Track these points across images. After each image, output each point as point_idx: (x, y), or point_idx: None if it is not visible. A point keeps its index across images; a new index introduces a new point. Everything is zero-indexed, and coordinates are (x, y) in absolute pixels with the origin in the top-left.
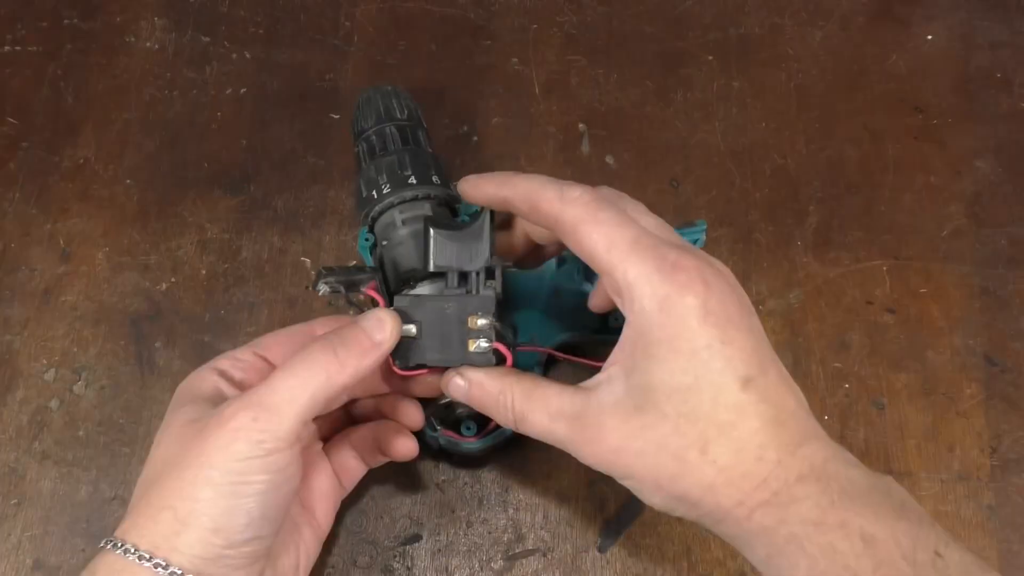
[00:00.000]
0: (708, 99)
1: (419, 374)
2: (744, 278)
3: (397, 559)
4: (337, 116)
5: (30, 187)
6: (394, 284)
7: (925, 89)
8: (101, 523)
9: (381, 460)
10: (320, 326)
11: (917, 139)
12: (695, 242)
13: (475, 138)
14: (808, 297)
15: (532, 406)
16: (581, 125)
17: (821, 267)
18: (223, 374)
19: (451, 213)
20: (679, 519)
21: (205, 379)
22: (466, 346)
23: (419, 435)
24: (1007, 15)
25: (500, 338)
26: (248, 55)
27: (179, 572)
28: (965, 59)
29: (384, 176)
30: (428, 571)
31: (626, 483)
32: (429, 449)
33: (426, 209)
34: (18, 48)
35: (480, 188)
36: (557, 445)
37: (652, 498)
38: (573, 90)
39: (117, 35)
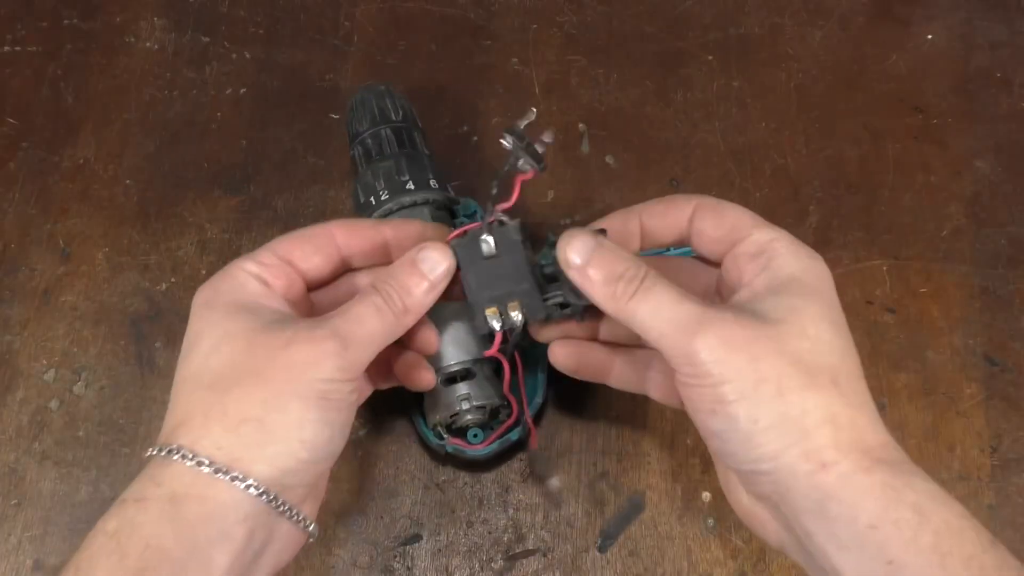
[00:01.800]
0: (708, 99)
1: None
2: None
3: (397, 559)
4: (337, 116)
5: (30, 187)
6: None
7: (925, 89)
8: None
9: (391, 383)
10: (337, 227)
11: (917, 139)
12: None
13: (475, 138)
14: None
15: (658, 283)
16: (581, 125)
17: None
18: (258, 278)
19: (450, 216)
20: (678, 518)
21: (245, 283)
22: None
23: (425, 443)
24: (1007, 15)
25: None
26: (248, 55)
27: (256, 485)
28: (965, 59)
29: (381, 182)
30: (428, 571)
31: (719, 388)
32: (435, 456)
33: (424, 215)
34: (18, 48)
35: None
36: (650, 338)
37: (739, 408)
38: (573, 90)
39: (117, 35)
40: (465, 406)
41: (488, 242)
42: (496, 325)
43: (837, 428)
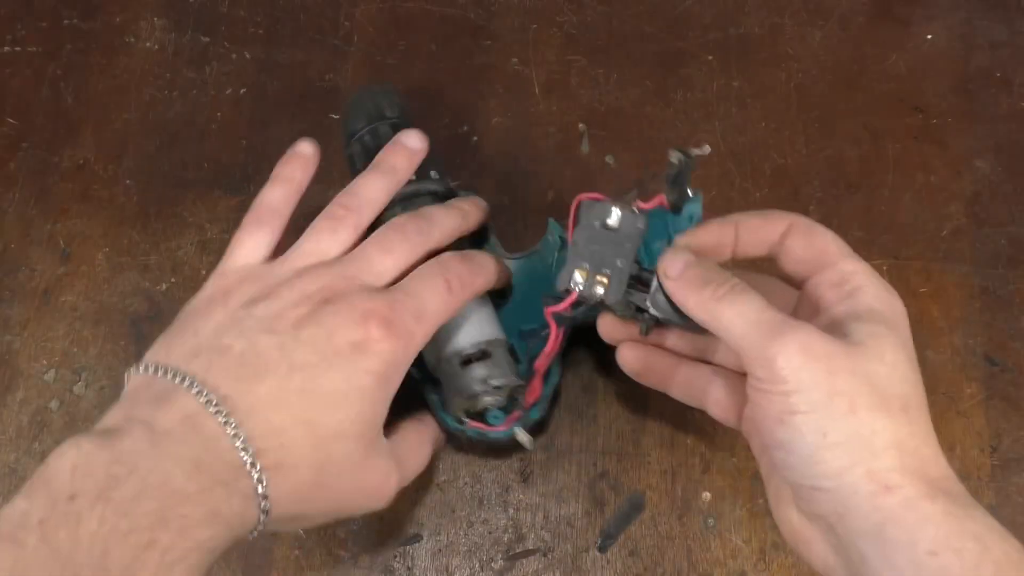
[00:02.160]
0: (708, 99)
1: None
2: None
3: (397, 559)
4: (337, 116)
5: (30, 187)
6: None
7: (925, 89)
8: None
9: None
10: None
11: (917, 139)
12: (691, 217)
13: (475, 138)
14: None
15: (745, 292)
16: (581, 125)
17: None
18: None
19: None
20: (679, 518)
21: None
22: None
23: (446, 429)
24: (1007, 15)
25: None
26: (248, 55)
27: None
28: (965, 59)
29: None
30: (428, 571)
31: (791, 397)
32: (457, 442)
33: (428, 202)
34: (18, 48)
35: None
36: (731, 340)
37: (808, 420)
38: (573, 90)
39: (117, 35)
40: (483, 388)
41: (616, 216)
42: (578, 285)
43: (903, 453)
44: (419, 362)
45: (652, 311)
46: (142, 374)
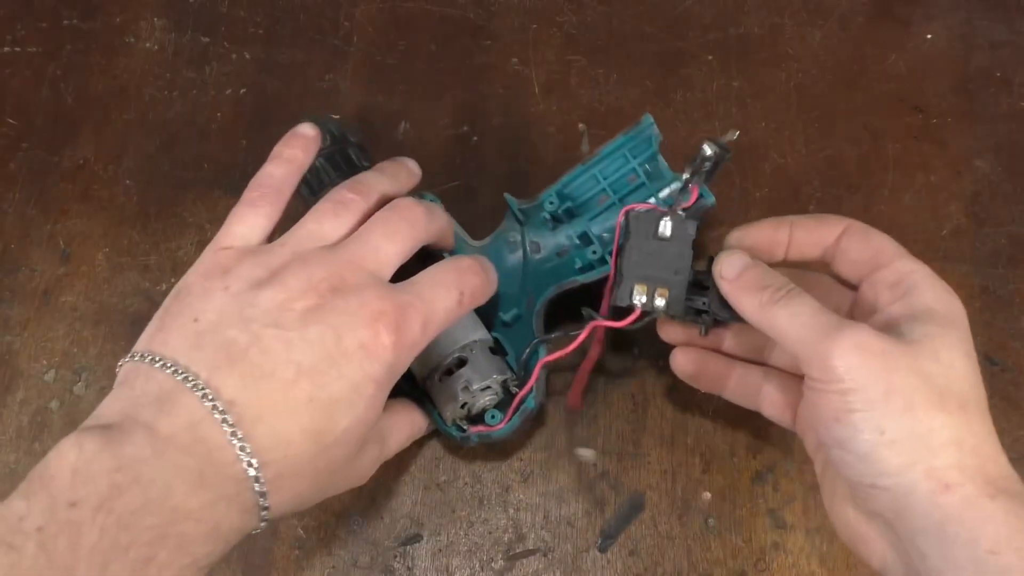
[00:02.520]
0: (708, 99)
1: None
2: None
3: (398, 559)
4: (337, 116)
5: (30, 188)
6: None
7: (925, 89)
8: None
9: None
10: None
11: (917, 139)
12: (648, 140)
13: (475, 138)
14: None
15: (800, 296)
16: (581, 125)
17: (821, 266)
18: None
19: None
20: (679, 518)
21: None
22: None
23: (449, 438)
24: (1007, 15)
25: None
26: (248, 55)
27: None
28: (965, 59)
29: None
30: (429, 571)
31: (847, 396)
32: (459, 448)
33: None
34: (18, 49)
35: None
36: (786, 343)
37: (866, 418)
38: (573, 90)
39: (117, 35)
40: (467, 395)
41: (667, 226)
42: (639, 302)
43: (962, 452)
44: (407, 376)
45: (713, 313)
46: (140, 362)
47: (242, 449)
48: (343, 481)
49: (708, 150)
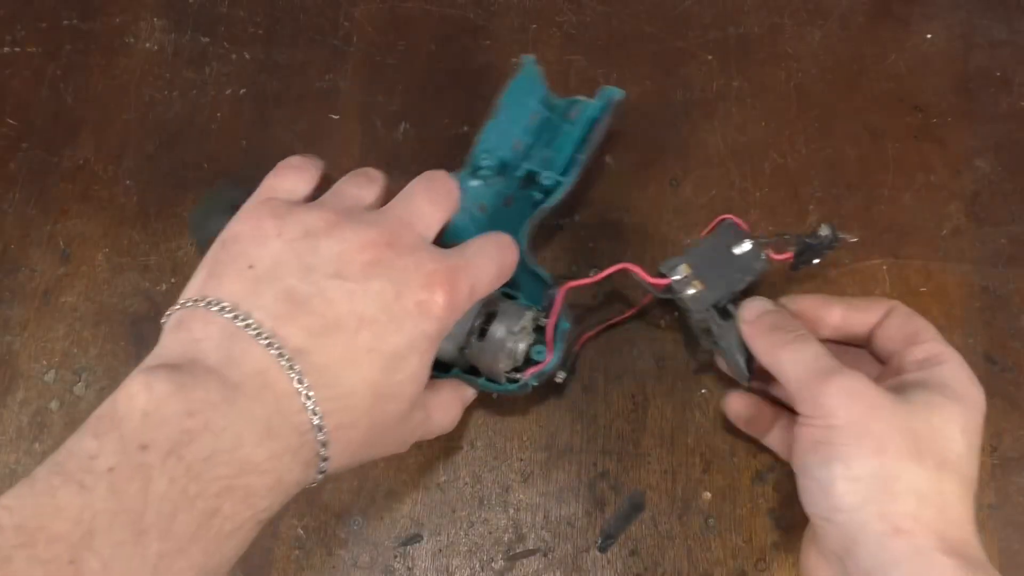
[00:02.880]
0: (708, 99)
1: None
2: None
3: (398, 559)
4: (337, 117)
5: (30, 188)
6: None
7: (925, 88)
8: None
9: None
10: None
11: (917, 138)
12: (534, 77)
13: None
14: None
15: (804, 339)
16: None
17: (821, 266)
18: None
19: None
20: (679, 518)
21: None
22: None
23: (508, 395)
24: (1007, 14)
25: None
26: (247, 55)
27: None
28: (965, 58)
29: None
30: (429, 571)
31: (828, 430)
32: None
33: None
34: (17, 49)
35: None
36: (787, 382)
37: (836, 451)
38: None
39: (116, 36)
40: (511, 340)
41: (745, 248)
42: (677, 275)
43: (923, 504)
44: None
45: (716, 337)
46: (194, 308)
47: (308, 398)
48: (390, 442)
49: (825, 231)
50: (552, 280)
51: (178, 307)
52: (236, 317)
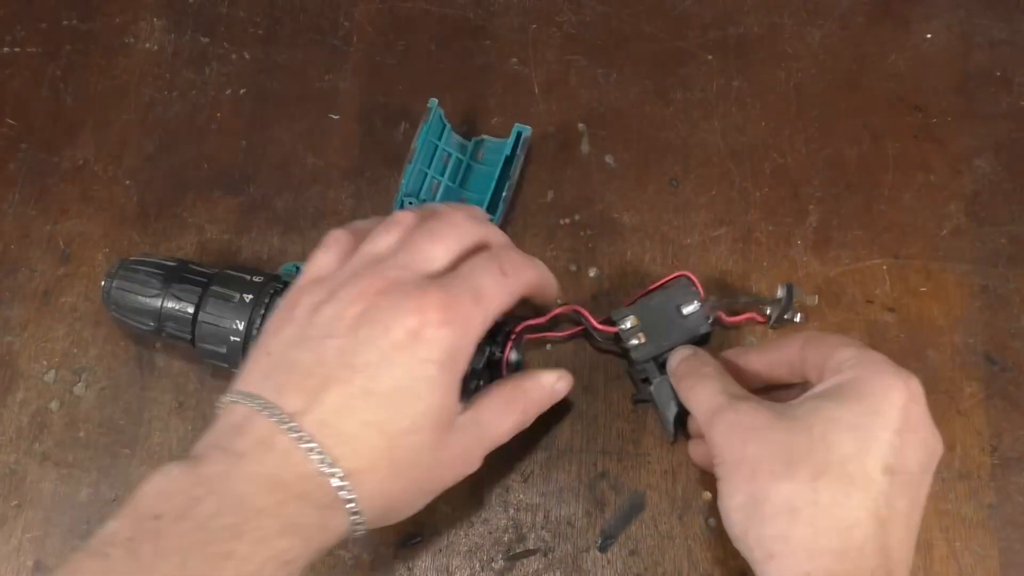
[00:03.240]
0: (708, 98)
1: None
2: (744, 278)
3: (397, 559)
4: (337, 117)
5: (30, 188)
6: None
7: (925, 88)
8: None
9: None
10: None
11: (917, 138)
12: (440, 121)
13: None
14: (809, 295)
15: (710, 375)
16: (581, 125)
17: (821, 266)
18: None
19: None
20: (679, 518)
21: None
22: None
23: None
24: (1007, 13)
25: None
26: (247, 55)
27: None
28: (964, 58)
29: (229, 315)
30: (429, 571)
31: (718, 467)
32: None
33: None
34: (17, 49)
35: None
36: (698, 416)
37: (722, 486)
38: (572, 90)
39: (116, 36)
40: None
41: (692, 308)
42: (624, 326)
43: (793, 521)
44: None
45: (652, 390)
46: (227, 404)
47: (310, 449)
48: (443, 473)
49: (779, 292)
50: (504, 318)
51: (220, 400)
52: (248, 401)
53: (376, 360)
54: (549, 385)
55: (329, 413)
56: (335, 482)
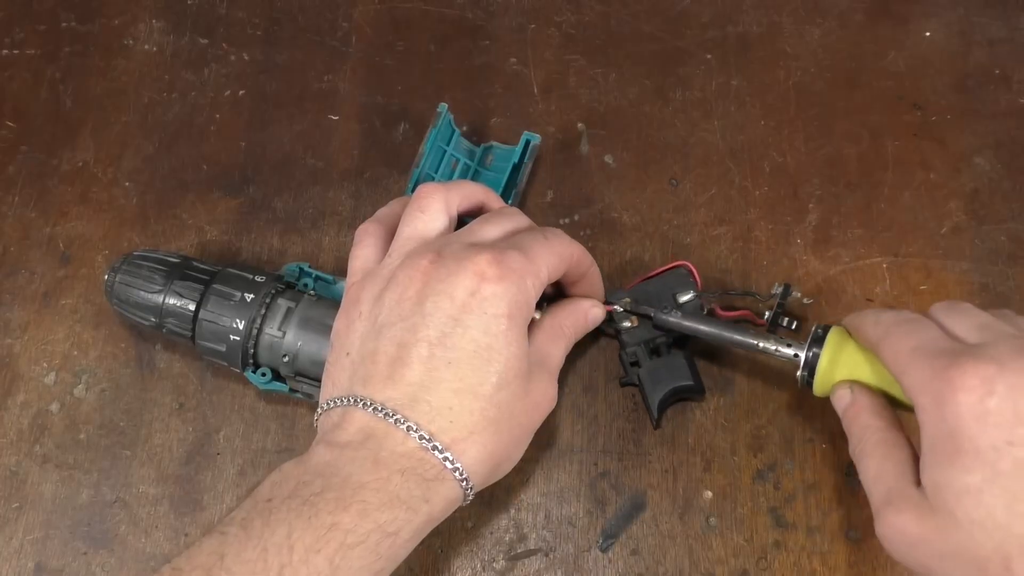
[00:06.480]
0: (707, 98)
1: None
2: (744, 277)
3: None
4: (336, 117)
5: (29, 190)
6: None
7: (924, 86)
8: (102, 526)
9: None
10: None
11: (916, 136)
12: (449, 126)
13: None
14: (808, 295)
15: (872, 454)
16: (580, 124)
17: (821, 264)
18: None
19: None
20: (680, 517)
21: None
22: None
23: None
24: (1005, 12)
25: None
26: (246, 56)
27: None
28: (964, 56)
29: (230, 312)
30: (429, 571)
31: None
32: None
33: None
34: (16, 51)
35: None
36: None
37: None
38: (572, 90)
39: (115, 38)
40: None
41: (687, 298)
42: (618, 306)
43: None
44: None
45: (641, 375)
46: (324, 413)
47: (408, 429)
48: (532, 417)
49: (776, 289)
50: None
51: (316, 421)
52: (343, 402)
53: (449, 328)
54: (584, 312)
55: (419, 390)
56: (437, 455)
